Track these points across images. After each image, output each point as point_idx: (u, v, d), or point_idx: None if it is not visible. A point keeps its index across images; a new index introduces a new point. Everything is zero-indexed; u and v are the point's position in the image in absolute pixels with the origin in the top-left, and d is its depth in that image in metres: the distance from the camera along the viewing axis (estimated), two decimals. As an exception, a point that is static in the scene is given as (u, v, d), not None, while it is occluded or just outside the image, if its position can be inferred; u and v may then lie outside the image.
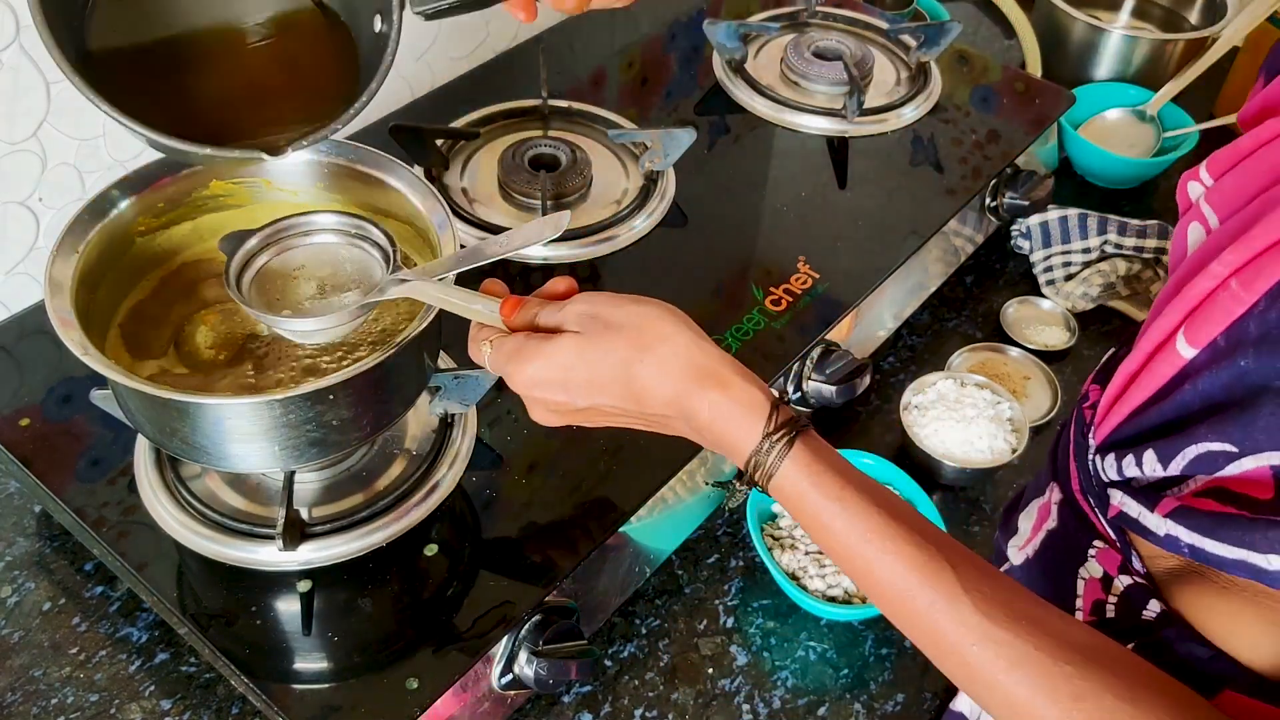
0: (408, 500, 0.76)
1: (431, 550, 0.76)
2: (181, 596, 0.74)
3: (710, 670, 0.82)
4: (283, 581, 0.74)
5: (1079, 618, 0.62)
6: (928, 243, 1.02)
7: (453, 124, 1.08)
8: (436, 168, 1.03)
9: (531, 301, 0.63)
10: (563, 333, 0.60)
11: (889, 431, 0.99)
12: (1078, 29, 1.34)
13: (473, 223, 0.98)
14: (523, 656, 0.73)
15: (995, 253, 1.18)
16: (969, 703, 0.72)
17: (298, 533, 0.72)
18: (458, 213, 0.99)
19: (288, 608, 0.73)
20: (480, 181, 1.04)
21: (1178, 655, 0.54)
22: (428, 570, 0.76)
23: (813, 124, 1.13)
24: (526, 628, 0.73)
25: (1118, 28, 1.38)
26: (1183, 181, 0.60)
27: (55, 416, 0.83)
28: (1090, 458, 0.60)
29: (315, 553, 0.73)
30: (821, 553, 0.86)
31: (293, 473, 0.74)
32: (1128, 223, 1.12)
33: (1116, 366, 0.58)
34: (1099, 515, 0.61)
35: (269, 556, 0.73)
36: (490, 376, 0.76)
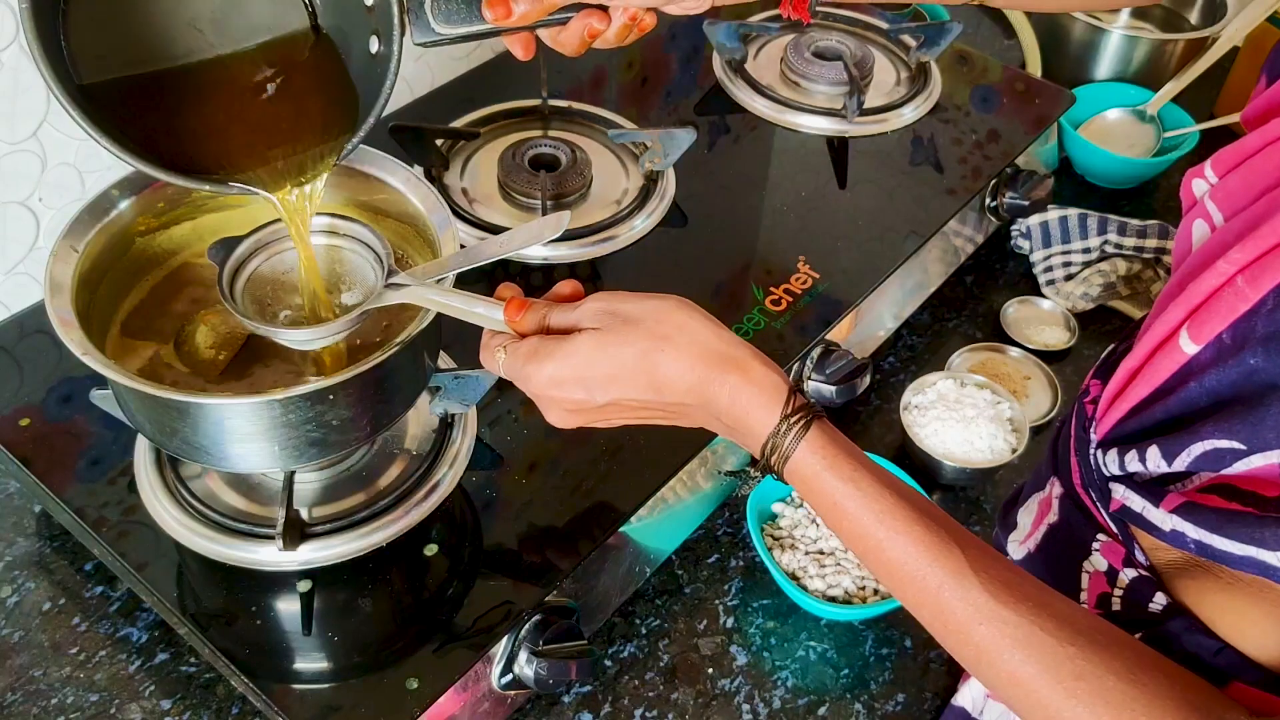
0: (408, 500, 0.76)
1: (431, 550, 0.76)
2: (181, 596, 0.74)
3: (710, 670, 0.82)
4: (283, 581, 0.74)
5: None
6: (928, 243, 1.02)
7: (453, 124, 1.08)
8: (436, 168, 1.03)
9: (538, 303, 0.63)
10: (579, 331, 0.60)
11: (889, 431, 0.99)
12: (1077, 29, 1.34)
13: (473, 223, 0.98)
14: (523, 656, 0.73)
15: (995, 253, 1.18)
16: (971, 697, 0.73)
17: (298, 533, 0.72)
18: (458, 213, 0.99)
19: (288, 608, 0.73)
20: (480, 181, 1.04)
21: (1185, 647, 0.54)
22: (428, 570, 0.76)
23: (813, 124, 1.13)
24: (526, 628, 0.73)
25: (1118, 28, 1.38)
26: (1187, 179, 0.60)
27: (55, 416, 0.83)
28: (1091, 452, 0.61)
29: (315, 553, 0.73)
30: (822, 553, 0.86)
31: (293, 473, 0.74)
32: (1128, 223, 1.12)
33: (1117, 362, 0.59)
34: (1100, 509, 0.61)
35: (269, 556, 0.73)
36: (490, 376, 0.75)
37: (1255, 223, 0.50)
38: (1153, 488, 0.55)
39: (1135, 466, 0.55)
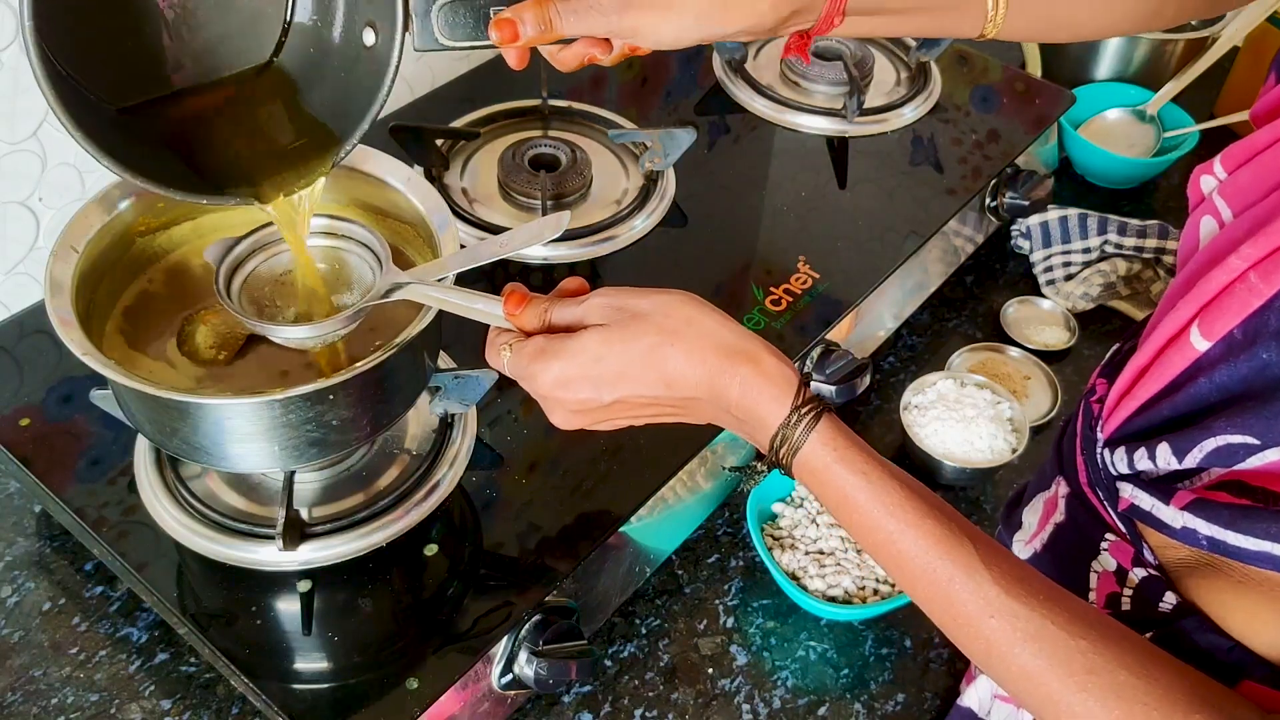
0: (408, 500, 0.76)
1: (431, 550, 0.76)
2: (181, 596, 0.74)
3: (710, 670, 0.82)
4: (283, 581, 0.74)
5: None
6: (928, 243, 1.02)
7: (453, 124, 1.08)
8: (436, 168, 1.03)
9: (540, 298, 0.62)
10: (585, 328, 0.59)
11: (889, 431, 0.99)
12: (1078, 29, 1.33)
13: (473, 223, 0.98)
14: (523, 656, 0.73)
15: (995, 253, 1.18)
16: (978, 698, 0.72)
17: (298, 533, 0.72)
18: (458, 213, 0.99)
19: (288, 608, 0.73)
20: (480, 181, 1.04)
21: (1196, 645, 0.54)
22: (428, 570, 0.76)
23: (813, 124, 1.13)
24: (526, 628, 0.73)
25: (1118, 28, 1.37)
26: (1195, 175, 0.60)
27: (55, 416, 0.83)
28: (1098, 451, 0.60)
29: (315, 553, 0.73)
30: (822, 553, 0.86)
31: (293, 473, 0.74)
32: (1128, 223, 1.12)
33: (1123, 361, 0.58)
34: (1108, 508, 0.61)
35: (269, 556, 0.73)
36: (491, 376, 0.75)
37: (1267, 218, 0.50)
38: (1161, 485, 0.55)
39: (1144, 464, 0.55)
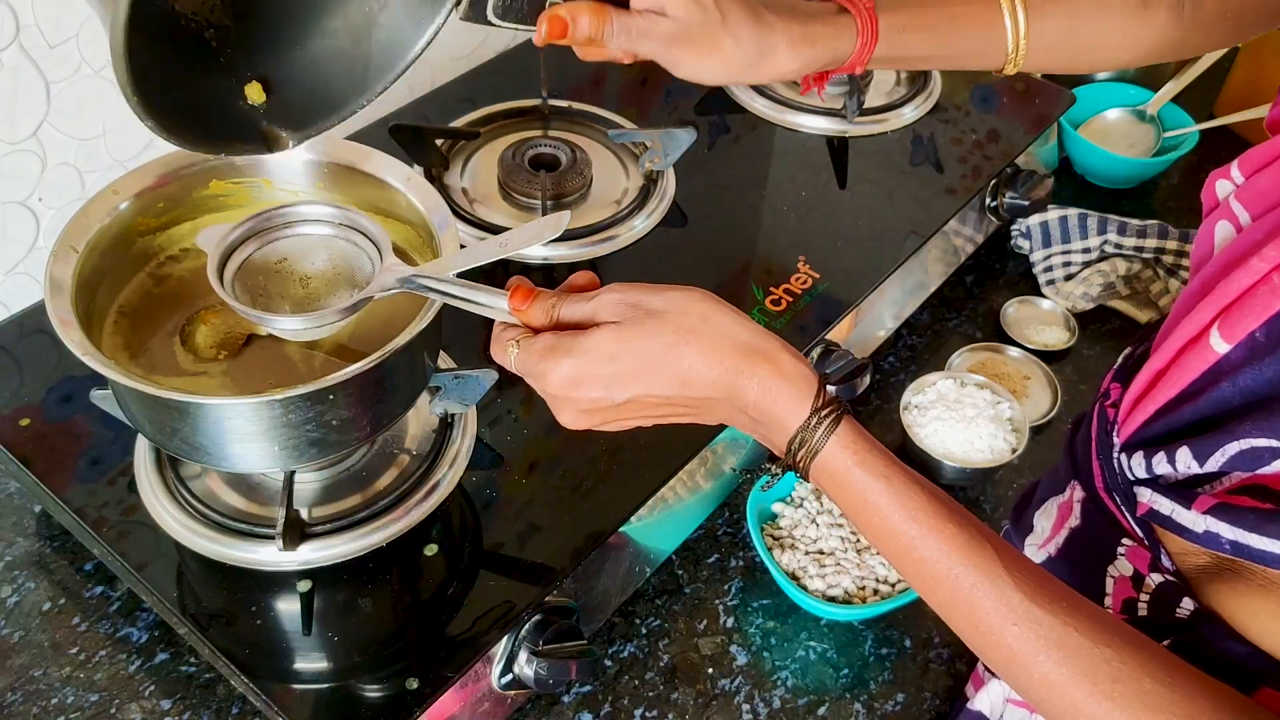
0: (408, 500, 0.76)
1: (431, 550, 0.76)
2: (181, 596, 0.74)
3: (710, 670, 0.82)
4: (283, 581, 0.74)
5: None
6: (928, 243, 1.02)
7: (453, 124, 1.08)
8: (436, 168, 1.03)
9: (547, 293, 0.59)
10: (597, 325, 0.57)
11: (889, 431, 0.99)
12: (1078, 29, 1.33)
13: (473, 223, 0.98)
14: (523, 656, 0.73)
15: (995, 253, 1.18)
16: (989, 702, 0.71)
17: (298, 533, 0.72)
18: (457, 213, 0.99)
19: (288, 608, 0.73)
20: (480, 181, 1.04)
21: (1215, 652, 0.53)
22: (427, 570, 0.76)
23: (813, 124, 1.13)
24: (526, 628, 0.73)
25: (1118, 28, 1.37)
26: (1210, 180, 0.60)
27: (55, 416, 0.83)
28: (1115, 456, 0.60)
29: (315, 553, 0.73)
30: (822, 553, 0.86)
31: (293, 473, 0.74)
32: (1128, 223, 1.12)
33: (1138, 364, 0.58)
34: (1125, 513, 0.61)
35: (269, 556, 0.73)
36: (491, 376, 0.75)
37: None
38: (1181, 490, 0.54)
39: (1163, 469, 0.54)
